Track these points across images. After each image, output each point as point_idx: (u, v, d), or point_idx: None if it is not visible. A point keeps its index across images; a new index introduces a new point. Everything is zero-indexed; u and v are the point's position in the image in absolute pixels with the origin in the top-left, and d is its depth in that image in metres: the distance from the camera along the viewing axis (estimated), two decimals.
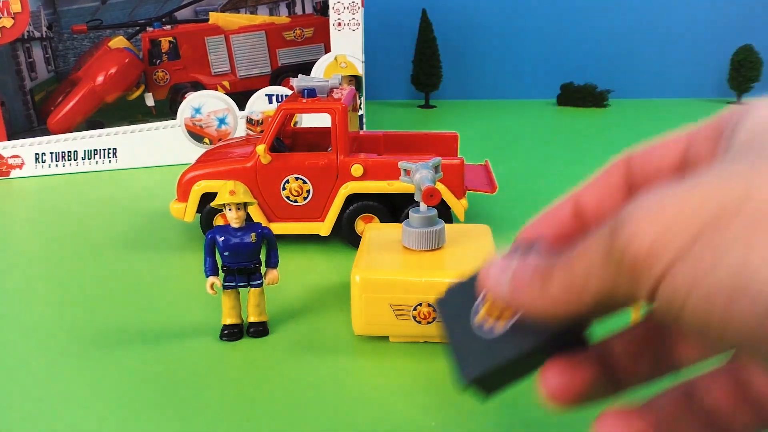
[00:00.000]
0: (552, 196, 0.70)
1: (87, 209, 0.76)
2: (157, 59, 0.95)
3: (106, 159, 0.92)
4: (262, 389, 0.40)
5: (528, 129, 1.14)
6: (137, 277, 0.57)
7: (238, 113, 0.94)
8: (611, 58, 1.38)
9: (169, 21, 0.94)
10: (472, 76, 1.41)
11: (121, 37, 0.93)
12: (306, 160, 0.60)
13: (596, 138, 1.07)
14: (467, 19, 1.37)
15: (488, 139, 1.07)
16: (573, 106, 1.32)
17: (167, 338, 0.46)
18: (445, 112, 1.30)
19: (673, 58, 1.38)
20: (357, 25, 0.91)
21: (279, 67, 0.98)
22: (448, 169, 0.59)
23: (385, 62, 1.35)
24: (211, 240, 0.45)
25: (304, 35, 0.97)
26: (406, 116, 1.26)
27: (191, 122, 0.93)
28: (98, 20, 0.92)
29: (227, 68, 0.97)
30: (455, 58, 1.37)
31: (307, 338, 0.46)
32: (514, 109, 1.31)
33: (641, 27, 1.36)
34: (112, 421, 0.37)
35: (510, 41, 1.38)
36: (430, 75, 1.30)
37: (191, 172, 0.62)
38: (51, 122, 0.92)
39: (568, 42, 1.38)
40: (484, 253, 0.45)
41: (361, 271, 0.43)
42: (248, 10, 0.96)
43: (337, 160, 0.60)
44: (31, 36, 0.89)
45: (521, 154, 0.97)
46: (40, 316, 0.50)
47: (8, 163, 0.89)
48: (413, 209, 0.46)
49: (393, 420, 0.37)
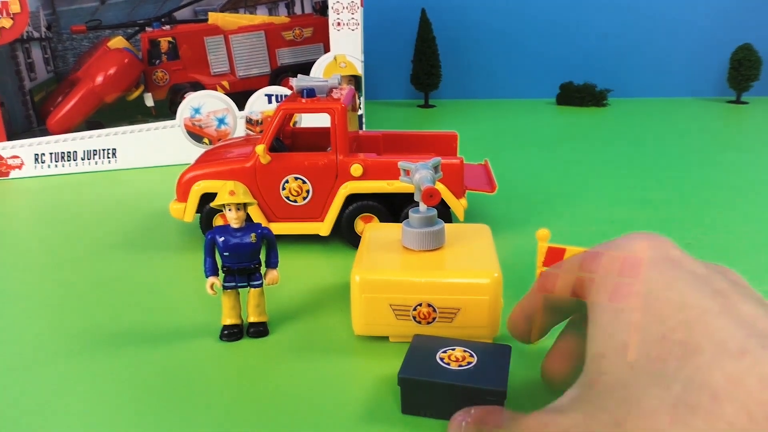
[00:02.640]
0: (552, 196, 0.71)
1: (86, 209, 0.76)
2: (157, 59, 0.95)
3: (105, 159, 0.92)
4: (262, 389, 0.40)
5: (527, 129, 1.14)
6: (137, 278, 0.57)
7: (238, 113, 0.94)
8: (611, 57, 1.38)
9: (168, 21, 0.94)
10: (471, 76, 1.41)
11: (120, 38, 0.93)
12: (305, 160, 0.60)
13: (596, 137, 1.07)
14: (467, 18, 1.37)
15: (488, 139, 1.07)
16: (572, 105, 1.32)
17: (167, 338, 0.46)
18: (444, 112, 1.30)
19: (672, 57, 1.38)
20: (356, 24, 0.91)
21: (278, 67, 0.98)
22: (447, 169, 0.59)
23: (384, 62, 1.35)
24: (211, 240, 0.45)
25: (304, 35, 0.97)
26: (405, 116, 1.26)
27: (191, 122, 0.93)
28: (97, 20, 0.92)
29: (227, 68, 0.97)
30: (455, 58, 1.37)
31: (307, 338, 0.46)
32: (514, 108, 1.31)
33: (641, 26, 1.37)
34: (112, 421, 0.37)
35: (509, 41, 1.38)
36: (429, 74, 1.30)
37: (191, 172, 0.62)
38: (50, 123, 0.92)
39: (568, 41, 1.38)
40: (484, 252, 0.45)
41: (361, 271, 0.43)
42: (247, 10, 0.96)
43: (336, 160, 0.60)
44: (30, 36, 0.89)
45: (521, 154, 0.97)
46: (39, 317, 0.50)
47: (8, 163, 0.89)
48: (413, 209, 0.46)
49: (393, 420, 0.37)
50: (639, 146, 1.00)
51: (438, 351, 0.36)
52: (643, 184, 0.81)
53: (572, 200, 0.75)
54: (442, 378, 0.33)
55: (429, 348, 0.36)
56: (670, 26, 1.36)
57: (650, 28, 1.37)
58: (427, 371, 0.34)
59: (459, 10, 1.36)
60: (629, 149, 0.98)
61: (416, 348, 0.37)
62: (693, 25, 1.36)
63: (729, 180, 0.83)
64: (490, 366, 0.34)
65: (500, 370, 0.34)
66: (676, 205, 0.73)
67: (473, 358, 0.35)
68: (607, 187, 0.80)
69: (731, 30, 1.35)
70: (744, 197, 0.76)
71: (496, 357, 0.35)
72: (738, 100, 1.33)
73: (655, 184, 0.81)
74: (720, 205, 0.73)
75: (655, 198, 0.76)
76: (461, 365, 0.34)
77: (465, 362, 0.34)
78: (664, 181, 0.82)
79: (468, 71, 1.40)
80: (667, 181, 0.82)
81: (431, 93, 1.34)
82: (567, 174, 0.85)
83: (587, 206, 0.73)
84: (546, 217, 0.70)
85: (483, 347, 0.37)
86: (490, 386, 0.32)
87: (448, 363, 0.34)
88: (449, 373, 0.33)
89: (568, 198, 0.76)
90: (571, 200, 0.75)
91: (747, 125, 1.17)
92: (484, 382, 0.33)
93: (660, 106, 1.31)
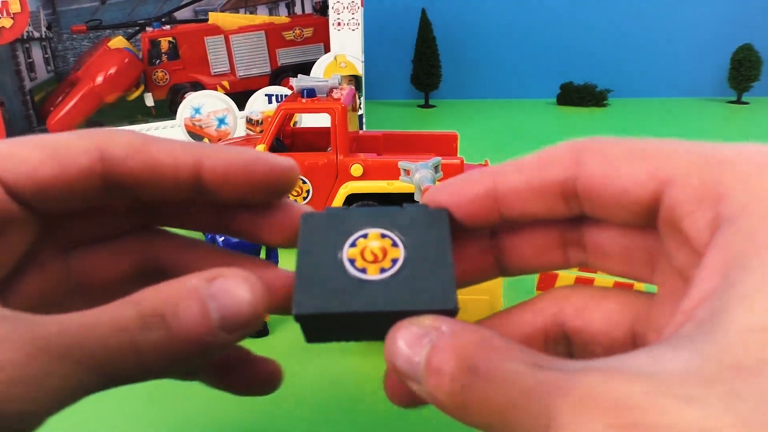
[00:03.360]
0: None
1: None
2: (157, 59, 0.95)
3: None
4: None
5: (528, 128, 1.14)
6: None
7: (238, 113, 0.94)
8: (611, 57, 1.38)
9: (168, 21, 0.94)
10: (471, 76, 1.41)
11: (120, 37, 0.93)
12: (306, 160, 0.60)
13: None
14: (467, 18, 1.37)
15: (488, 139, 1.07)
16: (573, 105, 1.32)
17: None
18: (444, 112, 1.30)
19: (672, 57, 1.38)
20: (356, 24, 0.91)
21: (279, 67, 0.98)
22: (447, 168, 0.59)
23: (384, 62, 1.35)
24: (211, 240, 0.45)
25: (304, 35, 0.97)
26: (405, 116, 1.26)
27: (191, 122, 0.93)
28: (98, 20, 0.92)
29: (227, 68, 0.97)
30: (455, 58, 1.37)
31: None
32: (514, 108, 1.31)
33: (641, 26, 1.37)
34: (112, 421, 0.37)
35: (510, 40, 1.38)
36: (429, 74, 1.30)
37: None
38: (50, 122, 0.92)
39: (568, 41, 1.38)
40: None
41: None
42: (248, 10, 0.96)
43: (336, 160, 0.60)
44: (30, 36, 0.89)
45: (521, 154, 0.97)
46: None
47: None
48: None
49: (394, 420, 0.37)
50: None
51: (344, 243, 0.21)
52: None
53: None
54: (357, 304, 0.20)
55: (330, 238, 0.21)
56: (671, 26, 1.36)
57: (651, 28, 1.37)
58: (333, 294, 0.20)
59: (459, 10, 1.36)
60: None
61: (310, 240, 0.21)
62: (693, 25, 1.36)
63: None
64: (426, 259, 0.21)
65: (442, 266, 0.20)
66: None
67: (397, 249, 0.21)
68: None
69: (732, 30, 1.35)
70: None
71: (429, 235, 0.21)
72: (738, 100, 1.33)
73: None
74: None
75: None
76: (383, 269, 0.20)
77: (387, 260, 0.20)
78: None
79: (468, 71, 1.40)
80: None
81: (431, 93, 1.34)
82: None
83: None
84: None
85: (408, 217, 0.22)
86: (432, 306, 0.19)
87: (362, 268, 0.20)
88: (367, 290, 0.20)
89: None
90: None
91: (747, 125, 1.17)
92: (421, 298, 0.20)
93: (660, 106, 1.31)
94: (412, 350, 0.17)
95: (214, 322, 0.17)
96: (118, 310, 0.16)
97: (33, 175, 0.18)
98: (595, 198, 0.19)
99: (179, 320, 0.17)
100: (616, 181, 0.18)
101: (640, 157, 0.18)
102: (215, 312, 0.17)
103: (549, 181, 0.20)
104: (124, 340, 0.16)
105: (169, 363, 0.17)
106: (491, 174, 0.21)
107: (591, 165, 0.19)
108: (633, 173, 0.18)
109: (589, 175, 0.19)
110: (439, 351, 0.16)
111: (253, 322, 0.18)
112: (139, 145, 0.19)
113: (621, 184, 0.18)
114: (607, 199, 0.19)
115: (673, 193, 0.17)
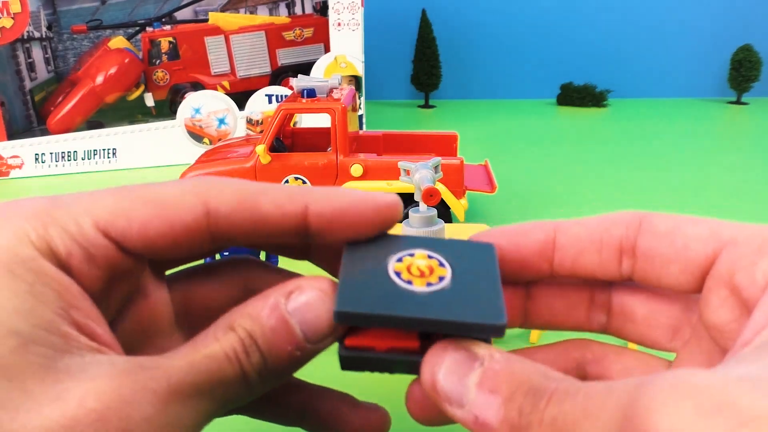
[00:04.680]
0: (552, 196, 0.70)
1: None
2: (157, 59, 0.95)
3: (105, 159, 0.92)
4: None
5: (528, 129, 1.14)
6: None
7: (238, 113, 0.94)
8: (611, 58, 1.38)
9: (168, 21, 0.94)
10: (471, 76, 1.41)
11: (120, 37, 0.93)
12: (306, 160, 0.60)
13: (596, 138, 1.07)
14: (467, 18, 1.37)
15: (488, 139, 1.07)
16: (572, 105, 1.32)
17: None
18: (444, 112, 1.30)
19: (672, 57, 1.38)
20: (357, 25, 0.91)
21: (279, 67, 0.98)
22: (447, 169, 0.59)
23: (384, 62, 1.35)
24: None
25: (304, 35, 0.97)
26: (405, 116, 1.26)
27: (191, 122, 0.93)
28: (98, 20, 0.92)
29: (227, 68, 0.97)
30: (455, 58, 1.38)
31: None
32: (514, 108, 1.31)
33: (641, 27, 1.37)
34: None
35: (510, 41, 1.38)
36: (429, 75, 1.30)
37: (191, 173, 0.62)
38: (51, 122, 0.92)
39: (568, 42, 1.38)
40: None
41: None
42: (248, 10, 0.96)
43: (336, 160, 0.60)
44: (30, 36, 0.89)
45: (521, 154, 0.97)
46: None
47: (8, 163, 0.89)
48: (413, 209, 0.46)
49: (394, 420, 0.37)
50: (639, 147, 1.00)
51: (390, 257, 0.20)
52: (644, 185, 0.81)
53: (572, 200, 0.75)
54: (402, 309, 0.18)
55: (376, 254, 0.21)
56: (671, 27, 1.36)
57: (650, 29, 1.37)
58: (377, 298, 0.19)
59: (459, 10, 1.36)
60: (629, 150, 0.98)
61: (354, 257, 0.21)
62: (693, 26, 1.36)
63: (729, 180, 0.83)
64: (473, 281, 0.20)
65: (490, 287, 0.20)
66: (676, 206, 0.73)
67: (444, 268, 0.20)
68: (607, 187, 0.80)
69: (731, 30, 1.35)
70: (744, 198, 0.76)
71: (476, 263, 0.21)
72: (738, 100, 1.33)
73: (656, 184, 0.81)
74: (720, 205, 0.73)
75: (656, 198, 0.76)
76: (430, 283, 0.19)
77: (434, 277, 0.20)
78: (665, 181, 0.82)
79: (468, 71, 1.40)
80: (668, 181, 0.82)
81: (431, 93, 1.34)
82: (567, 174, 0.85)
83: (587, 206, 0.73)
84: (546, 217, 0.70)
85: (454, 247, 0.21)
86: (482, 319, 0.18)
87: (408, 279, 0.19)
88: (412, 299, 0.19)
89: (568, 198, 0.76)
90: (570, 200, 0.75)
91: (747, 126, 1.17)
92: (471, 311, 0.18)
93: (660, 107, 1.31)
94: (460, 373, 0.17)
95: (298, 337, 0.18)
96: (225, 340, 0.18)
97: (141, 232, 0.18)
98: (654, 254, 0.20)
99: (269, 341, 0.18)
100: (679, 237, 0.19)
101: (702, 222, 0.19)
102: (298, 327, 0.18)
103: (610, 235, 0.20)
104: (236, 368, 0.17)
105: (269, 381, 0.19)
106: (552, 223, 0.21)
107: (655, 223, 0.20)
108: (696, 231, 0.19)
109: (653, 232, 0.20)
110: (495, 375, 0.16)
111: (336, 329, 0.19)
112: (244, 199, 0.19)
113: (683, 241, 0.19)
114: (667, 255, 0.19)
115: (734, 249, 0.18)
